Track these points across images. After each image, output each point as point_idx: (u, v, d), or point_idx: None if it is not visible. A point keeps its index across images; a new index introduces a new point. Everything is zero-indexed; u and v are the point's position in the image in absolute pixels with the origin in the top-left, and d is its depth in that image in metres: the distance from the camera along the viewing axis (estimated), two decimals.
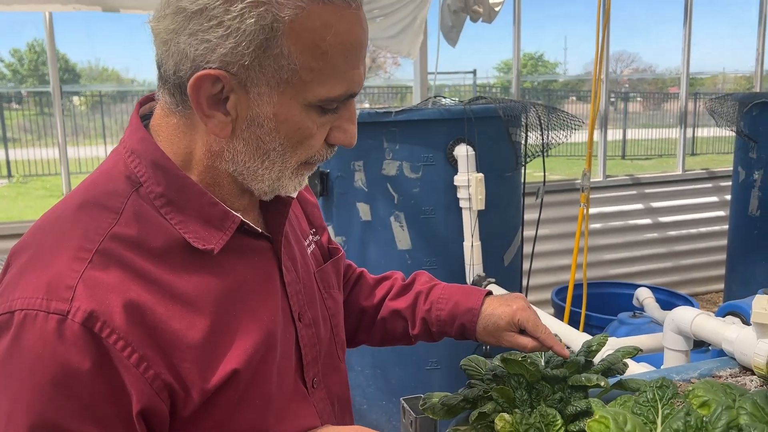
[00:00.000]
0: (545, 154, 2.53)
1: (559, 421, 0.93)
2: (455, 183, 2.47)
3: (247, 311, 0.80)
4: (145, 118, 0.83)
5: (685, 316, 1.44)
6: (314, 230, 1.05)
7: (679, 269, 4.84)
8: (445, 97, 2.49)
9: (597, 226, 4.60)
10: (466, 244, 2.51)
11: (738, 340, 1.28)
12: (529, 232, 2.93)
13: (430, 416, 1.10)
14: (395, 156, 2.49)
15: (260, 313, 0.81)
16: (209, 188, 0.80)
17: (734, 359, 1.30)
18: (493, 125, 2.52)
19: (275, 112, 0.75)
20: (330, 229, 2.67)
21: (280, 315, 0.85)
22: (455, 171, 2.47)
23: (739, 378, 1.24)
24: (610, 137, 5.63)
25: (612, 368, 1.06)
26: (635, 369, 1.46)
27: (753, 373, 1.25)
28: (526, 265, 2.95)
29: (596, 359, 1.11)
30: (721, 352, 1.55)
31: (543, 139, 2.50)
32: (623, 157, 14.31)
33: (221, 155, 0.78)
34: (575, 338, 1.98)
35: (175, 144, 0.79)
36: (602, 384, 0.97)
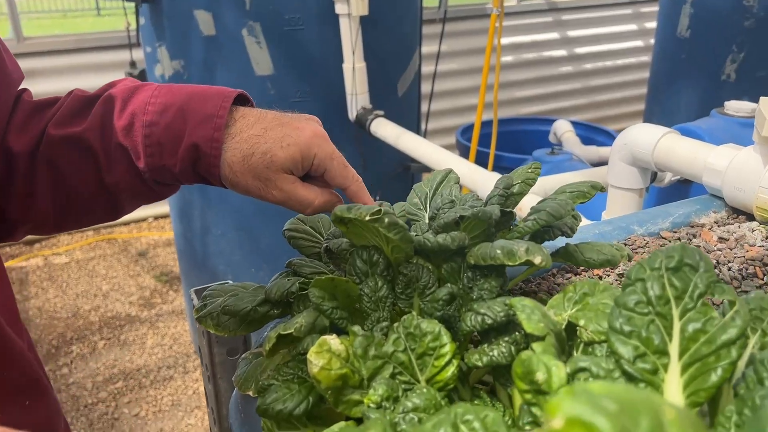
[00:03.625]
0: None
1: (447, 347, 0.42)
2: None
3: None
4: None
5: (645, 136, 0.95)
6: None
7: (596, 105, 4.48)
8: None
9: (509, 59, 4.07)
10: (346, 66, 1.91)
11: (732, 168, 0.82)
12: (428, 68, 2.35)
13: (212, 331, 0.58)
14: None
15: None
16: None
17: (721, 198, 0.85)
18: None
19: None
20: (162, 50, 1.97)
21: None
22: None
23: (730, 226, 0.79)
24: None
25: (552, 227, 0.54)
26: None
27: (751, 219, 0.81)
28: (425, 105, 2.40)
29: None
30: (678, 193, 1.12)
31: None
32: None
33: None
34: (484, 181, 1.49)
35: None
36: (538, 261, 0.45)
